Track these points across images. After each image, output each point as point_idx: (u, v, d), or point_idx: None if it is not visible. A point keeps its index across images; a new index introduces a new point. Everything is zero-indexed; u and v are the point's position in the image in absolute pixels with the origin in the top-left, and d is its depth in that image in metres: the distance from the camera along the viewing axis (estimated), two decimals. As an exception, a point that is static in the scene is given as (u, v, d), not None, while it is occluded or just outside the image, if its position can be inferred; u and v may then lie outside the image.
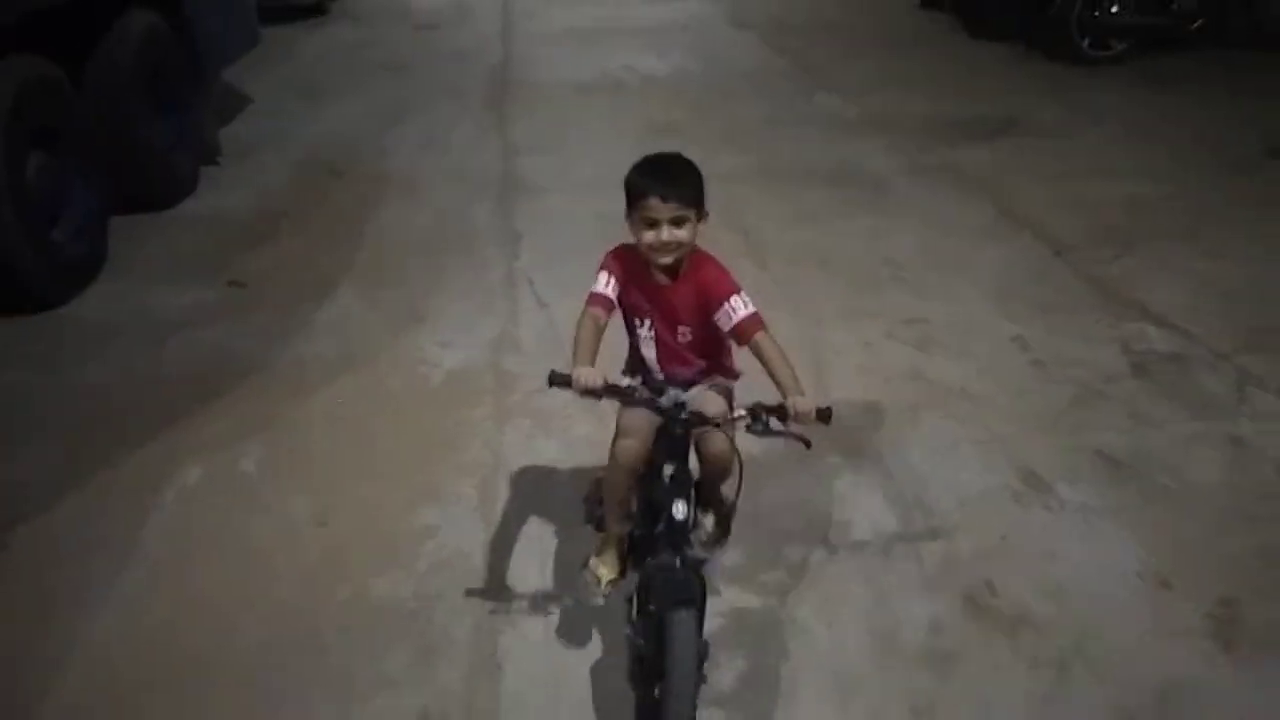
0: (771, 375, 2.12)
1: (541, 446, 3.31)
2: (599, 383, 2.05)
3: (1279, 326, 3.90)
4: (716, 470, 2.31)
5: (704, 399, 2.27)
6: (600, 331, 2.19)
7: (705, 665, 2.10)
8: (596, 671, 2.43)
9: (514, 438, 3.35)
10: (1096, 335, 3.91)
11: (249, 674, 2.46)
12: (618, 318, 2.31)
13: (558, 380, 2.08)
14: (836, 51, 9.15)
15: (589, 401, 2.12)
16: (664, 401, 2.15)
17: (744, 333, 2.15)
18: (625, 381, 2.25)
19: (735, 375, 2.39)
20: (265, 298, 4.53)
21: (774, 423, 2.03)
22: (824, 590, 2.64)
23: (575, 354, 2.14)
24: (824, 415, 2.04)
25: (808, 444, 2.05)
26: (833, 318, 4.13)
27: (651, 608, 2.06)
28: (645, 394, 2.17)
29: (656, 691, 2.04)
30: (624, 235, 2.27)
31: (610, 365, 2.26)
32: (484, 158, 6.51)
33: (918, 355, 3.82)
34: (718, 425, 2.13)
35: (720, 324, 2.17)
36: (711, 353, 2.32)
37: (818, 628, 2.51)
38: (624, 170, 2.22)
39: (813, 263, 4.67)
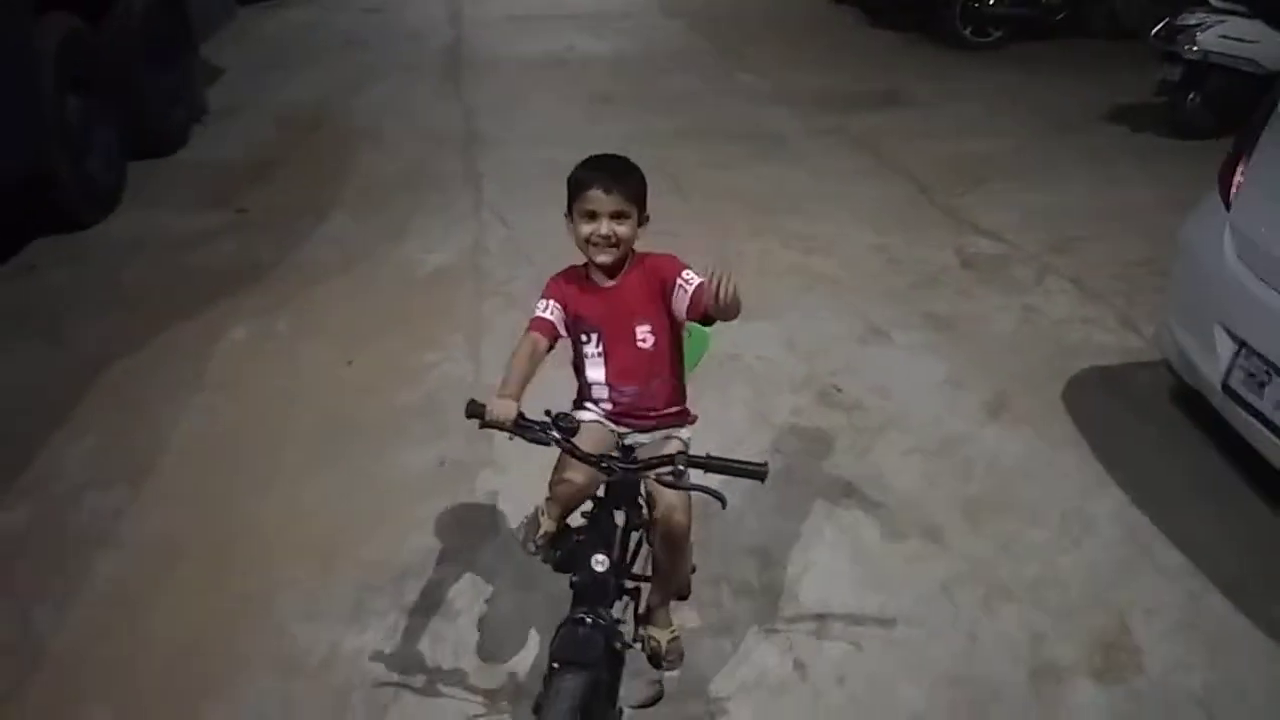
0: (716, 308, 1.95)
1: (512, 315, 4.26)
2: (510, 415, 1.93)
3: (1079, 237, 5.05)
4: (665, 530, 2.08)
5: (655, 448, 2.12)
6: (537, 358, 2.07)
7: None
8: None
9: (489, 308, 4.32)
10: (939, 244, 5.02)
11: (308, 450, 3.38)
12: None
13: (473, 411, 1.96)
14: (754, 37, 10.25)
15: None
16: (586, 417, 2.08)
17: (701, 300, 1.97)
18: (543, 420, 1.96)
19: (691, 420, 2.24)
20: (269, 221, 5.43)
21: (692, 474, 1.85)
22: (720, 387, 3.65)
23: (502, 380, 2.03)
24: (754, 473, 1.85)
25: (723, 502, 1.88)
26: (740, 235, 5.18)
27: (553, 666, 1.89)
28: (555, 435, 1.93)
29: None
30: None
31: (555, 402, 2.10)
32: (444, 118, 7.45)
33: (802, 257, 4.89)
34: (641, 470, 1.96)
35: (678, 305, 2.04)
36: (673, 363, 2.17)
37: (715, 409, 3.54)
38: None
39: (726, 197, 5.71)
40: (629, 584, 2.21)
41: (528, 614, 2.59)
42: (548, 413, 1.95)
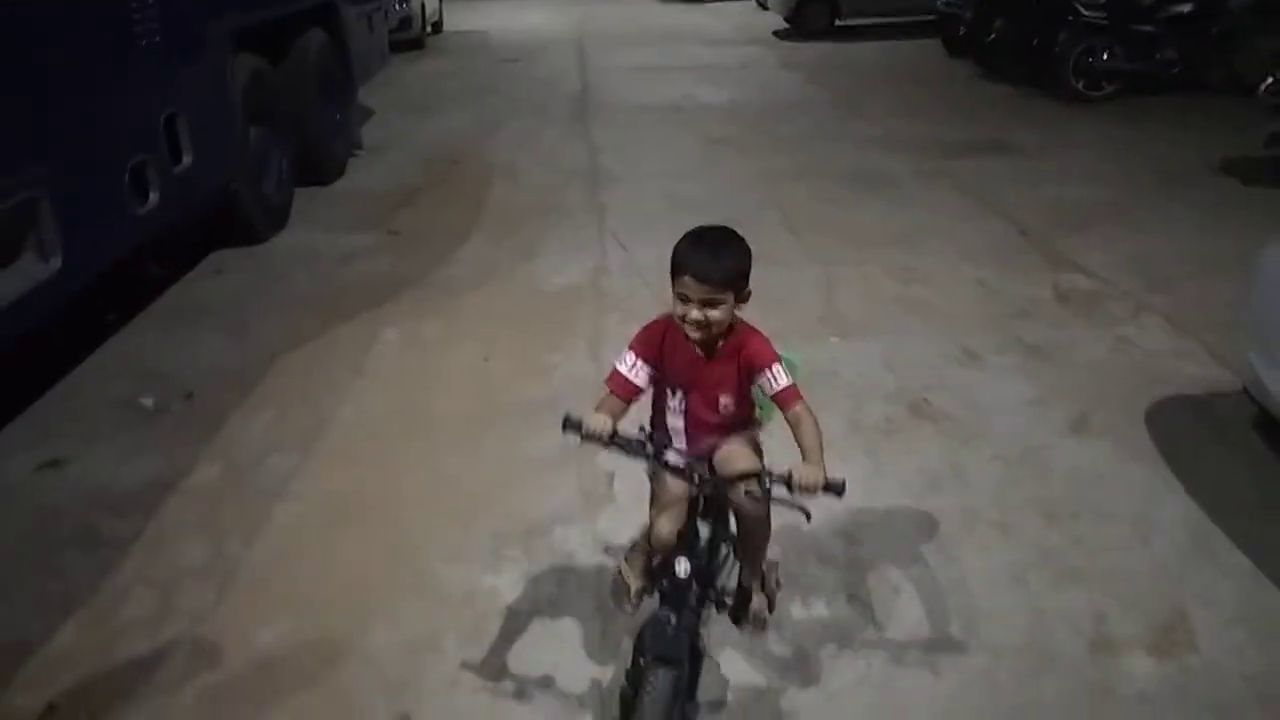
0: (798, 441, 2.10)
1: (629, 327, 4.66)
2: (607, 430, 2.04)
3: (1177, 277, 5.21)
4: (747, 530, 2.31)
5: (731, 456, 2.24)
6: (618, 416, 2.14)
7: None
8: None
9: (609, 321, 4.77)
10: (1036, 280, 5.26)
11: (451, 430, 3.86)
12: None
13: (570, 424, 2.06)
14: (870, 89, 10.64)
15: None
16: (672, 459, 2.14)
17: (783, 402, 2.13)
18: (638, 436, 2.12)
19: (756, 422, 2.38)
20: (416, 241, 6.05)
21: (779, 490, 1.98)
22: (817, 397, 3.99)
23: (595, 407, 2.14)
24: (834, 488, 1.97)
25: (808, 516, 1.97)
26: (844, 264, 5.52)
27: (640, 660, 2.08)
28: (653, 449, 2.08)
29: None
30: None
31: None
32: (571, 156, 8.05)
33: (902, 286, 5.20)
34: (731, 484, 2.09)
35: (762, 388, 2.16)
36: (740, 415, 2.29)
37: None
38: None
39: (833, 232, 6.07)
40: (714, 595, 2.37)
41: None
42: (642, 429, 2.13)
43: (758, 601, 2.49)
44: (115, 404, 4.07)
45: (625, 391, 2.17)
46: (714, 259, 2.08)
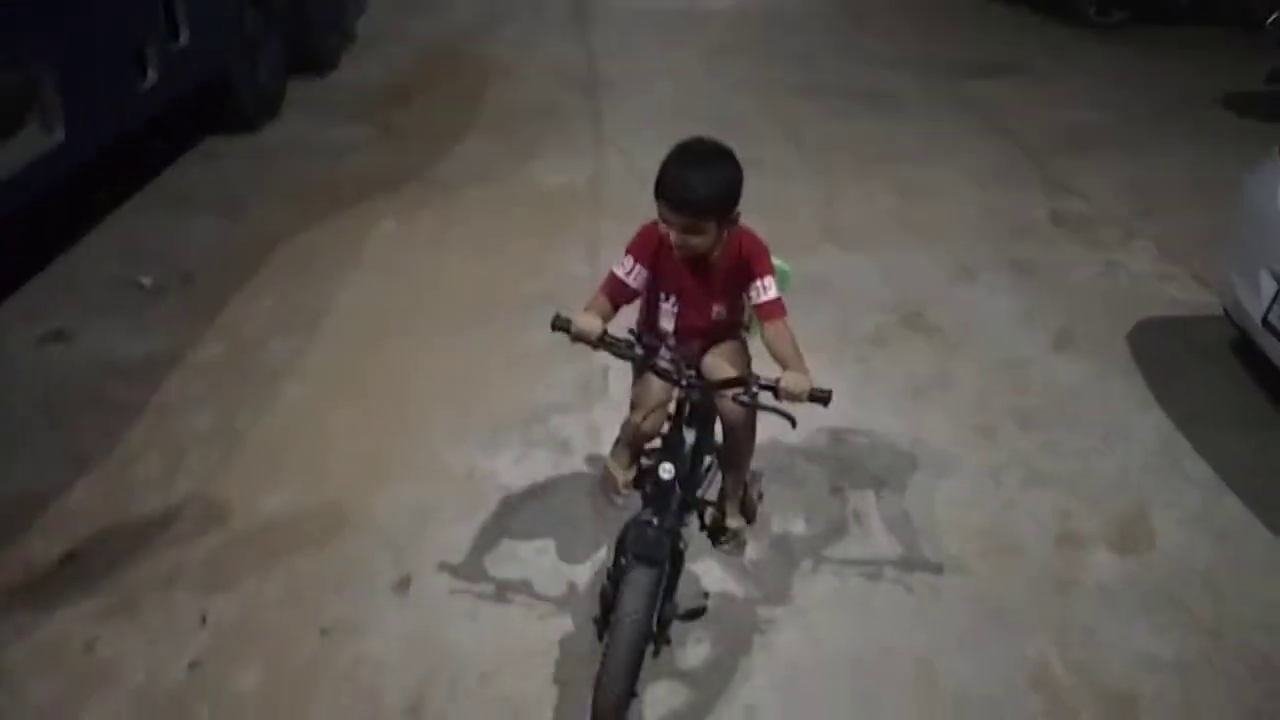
0: (777, 356, 2.08)
1: (627, 229, 4.73)
2: (596, 330, 2.03)
3: (1169, 205, 5.28)
4: (733, 438, 2.29)
5: (719, 362, 2.25)
6: (607, 318, 2.11)
7: (667, 632, 2.17)
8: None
9: (606, 224, 4.80)
10: (1034, 201, 5.31)
11: (450, 320, 3.92)
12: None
13: (559, 324, 2.05)
14: (883, 5, 10.47)
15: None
16: (661, 362, 2.09)
17: (767, 314, 2.12)
18: (627, 337, 2.09)
19: (745, 327, 2.37)
20: (411, 137, 6.02)
21: (764, 396, 1.98)
22: (809, 305, 4.08)
23: (585, 306, 2.11)
24: (819, 396, 1.97)
25: (793, 422, 1.97)
26: (847, 179, 5.55)
27: (622, 560, 2.11)
28: (641, 350, 2.07)
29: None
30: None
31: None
32: (569, 59, 7.96)
33: (903, 201, 5.25)
34: (717, 389, 2.10)
35: (750, 294, 2.14)
36: (731, 319, 2.29)
37: (801, 321, 3.96)
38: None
39: (837, 147, 6.07)
40: (697, 503, 2.40)
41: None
42: (631, 331, 2.09)
43: (736, 521, 2.47)
44: (113, 282, 4.10)
45: (619, 294, 2.15)
46: (693, 186, 1.99)
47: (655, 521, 2.08)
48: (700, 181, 2.00)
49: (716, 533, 2.49)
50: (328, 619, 2.43)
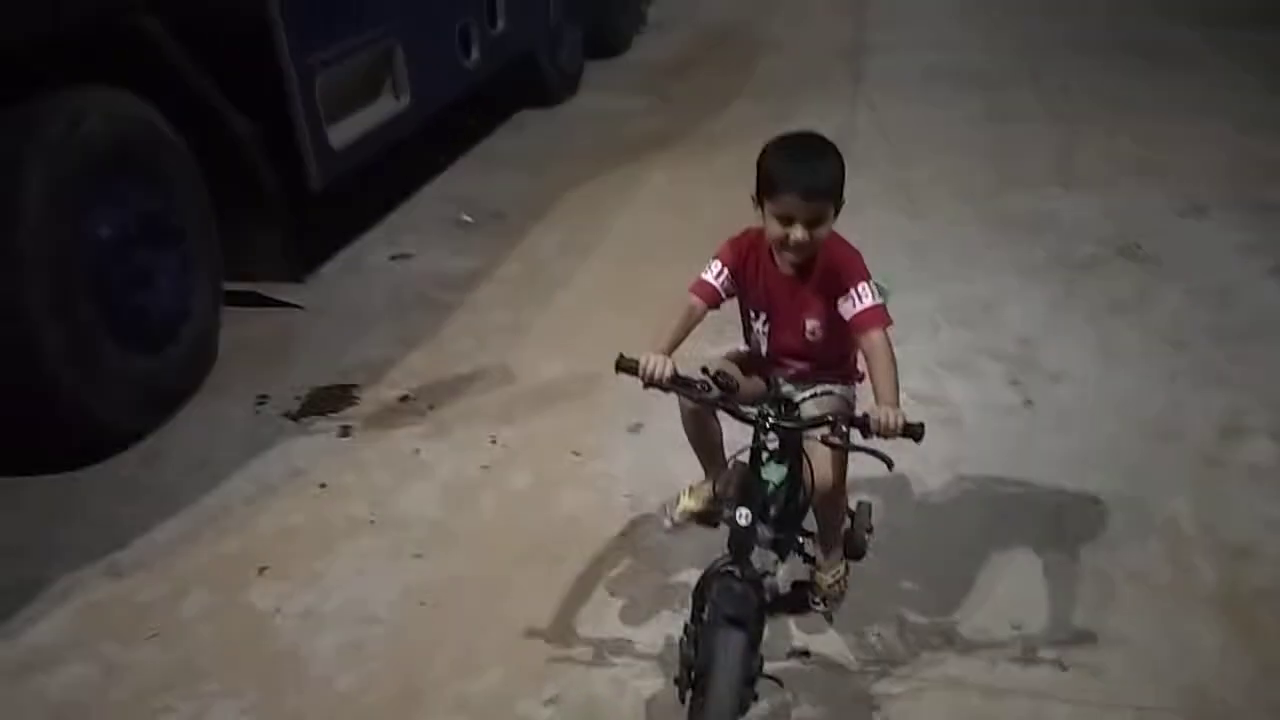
0: (871, 377, 1.96)
1: (862, 175, 5.25)
2: (667, 374, 1.91)
3: None
4: (822, 482, 2.04)
5: (812, 409, 2.07)
6: (692, 323, 2.03)
7: (756, 683, 1.95)
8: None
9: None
10: None
11: (690, 251, 4.63)
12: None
13: (624, 366, 1.95)
14: None
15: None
16: (740, 407, 1.94)
17: (862, 324, 1.96)
18: (700, 375, 1.99)
19: (858, 378, 2.16)
20: (685, 104, 6.81)
21: (855, 435, 1.84)
22: (1029, 235, 4.35)
23: (654, 337, 1.99)
24: (913, 432, 1.82)
25: (889, 464, 1.81)
26: (1092, 129, 5.64)
27: (704, 617, 1.95)
28: (716, 395, 1.94)
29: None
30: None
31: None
32: (837, 32, 8.41)
33: (1147, 150, 5.31)
34: (802, 429, 1.92)
35: (843, 310, 1.98)
36: (835, 350, 2.12)
37: (1022, 249, 4.27)
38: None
39: (1090, 97, 6.13)
40: (792, 545, 2.21)
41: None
42: (704, 370, 1.99)
43: (832, 574, 2.30)
44: (443, 219, 5.21)
45: (707, 294, 2.06)
46: (819, 169, 1.93)
47: (738, 574, 1.90)
48: (825, 166, 1.95)
49: (810, 589, 2.34)
50: (580, 445, 3.22)
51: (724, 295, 2.09)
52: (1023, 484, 2.87)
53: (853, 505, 2.33)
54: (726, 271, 2.08)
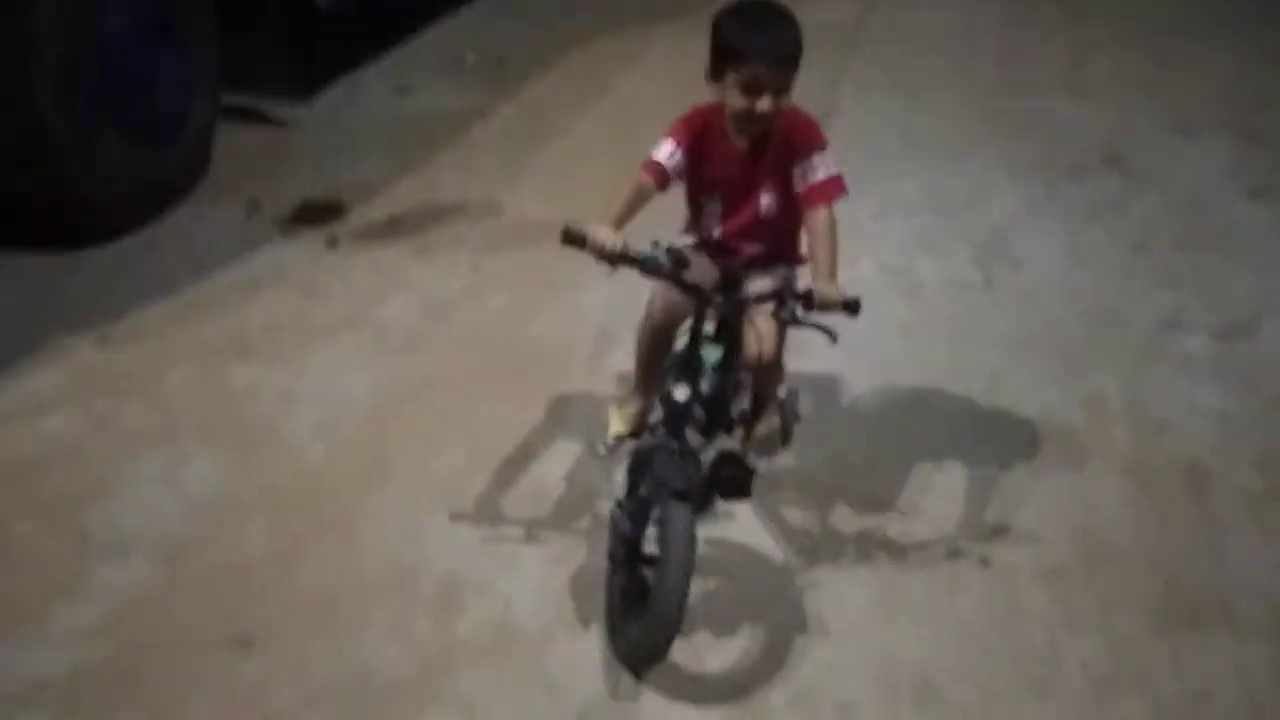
0: (812, 251, 1.98)
1: (860, 101, 5.28)
2: (616, 247, 1.85)
3: None
4: (756, 361, 2.03)
5: (756, 288, 2.03)
6: (643, 199, 1.97)
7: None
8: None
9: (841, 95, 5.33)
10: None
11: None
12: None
13: (572, 238, 1.88)
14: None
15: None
16: (690, 278, 1.91)
17: (813, 198, 1.95)
18: (651, 249, 1.91)
19: (801, 261, 2.12)
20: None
21: (800, 311, 1.84)
22: (1016, 137, 4.44)
23: (608, 212, 1.93)
24: (850, 307, 1.83)
25: (834, 337, 1.86)
26: (1106, 46, 5.65)
27: (642, 492, 1.93)
28: (669, 267, 1.87)
29: (642, 575, 1.94)
30: None
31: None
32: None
33: (1155, 70, 5.29)
34: (741, 306, 1.93)
35: (795, 181, 1.95)
36: (787, 227, 2.07)
37: (1007, 148, 4.35)
38: None
39: (1106, 17, 6.11)
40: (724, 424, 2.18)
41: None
42: (656, 244, 1.93)
43: (766, 425, 2.27)
44: (446, 58, 5.22)
45: (658, 174, 1.98)
46: (783, 36, 1.85)
47: (678, 447, 1.91)
48: (791, 31, 1.87)
49: (744, 435, 2.28)
50: (557, 277, 3.34)
51: (672, 176, 2.00)
52: (967, 352, 3.04)
53: (782, 394, 2.30)
54: (680, 152, 1.99)
